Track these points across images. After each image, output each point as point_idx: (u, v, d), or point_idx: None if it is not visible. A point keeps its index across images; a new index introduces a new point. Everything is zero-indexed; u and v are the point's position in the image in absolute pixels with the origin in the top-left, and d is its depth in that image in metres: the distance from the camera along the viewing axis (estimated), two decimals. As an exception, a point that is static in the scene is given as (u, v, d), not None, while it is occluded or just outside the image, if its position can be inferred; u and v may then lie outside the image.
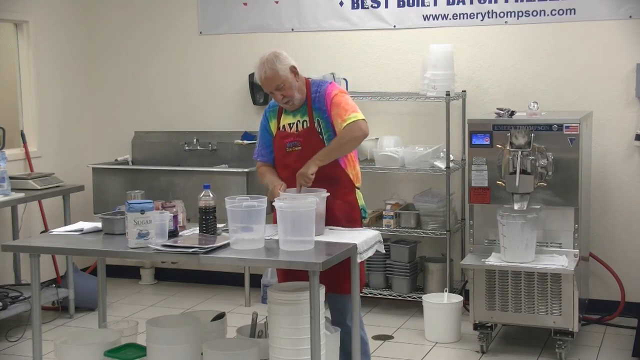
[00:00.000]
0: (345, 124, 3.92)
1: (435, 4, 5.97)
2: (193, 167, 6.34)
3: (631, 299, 5.64)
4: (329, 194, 3.85)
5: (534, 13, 5.75)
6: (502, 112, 5.18)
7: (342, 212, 4.02)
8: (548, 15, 5.72)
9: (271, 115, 4.17)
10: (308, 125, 4.03)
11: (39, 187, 5.72)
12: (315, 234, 3.68)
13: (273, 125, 4.16)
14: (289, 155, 4.07)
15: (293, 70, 4.01)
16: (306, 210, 3.58)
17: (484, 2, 5.85)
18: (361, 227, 4.09)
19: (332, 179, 3.98)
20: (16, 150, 6.27)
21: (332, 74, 6.05)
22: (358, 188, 4.14)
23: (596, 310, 5.64)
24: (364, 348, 4.07)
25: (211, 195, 3.84)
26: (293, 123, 4.08)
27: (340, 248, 3.61)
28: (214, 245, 3.63)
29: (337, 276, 3.86)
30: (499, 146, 4.98)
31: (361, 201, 4.14)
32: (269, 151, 4.17)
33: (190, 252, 3.58)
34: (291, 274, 3.98)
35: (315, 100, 4.04)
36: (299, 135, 4.05)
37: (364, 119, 3.96)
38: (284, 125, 4.10)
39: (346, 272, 3.75)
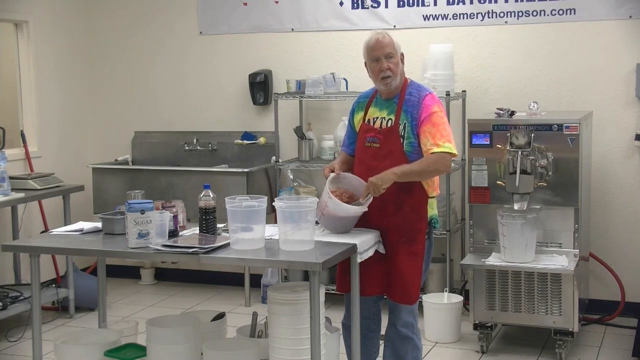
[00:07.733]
0: (437, 150, 3.78)
1: (435, 4, 5.97)
2: (193, 167, 6.34)
3: (631, 299, 5.64)
4: (366, 209, 3.80)
5: (534, 13, 5.75)
6: (502, 112, 5.17)
7: (405, 221, 3.88)
8: (548, 15, 5.72)
9: (359, 107, 4.07)
10: (392, 124, 3.90)
11: (39, 187, 5.72)
12: (342, 232, 3.80)
13: (358, 117, 4.05)
14: (366, 150, 3.95)
15: (402, 56, 3.95)
16: (306, 210, 3.58)
17: (484, 2, 5.85)
18: (424, 237, 3.94)
19: (405, 187, 3.85)
20: (16, 150, 6.26)
21: (332, 74, 6.04)
22: (432, 197, 3.97)
23: (596, 310, 5.63)
24: (416, 354, 3.98)
25: (211, 195, 3.84)
26: (377, 118, 3.96)
27: (339, 248, 3.61)
28: (214, 245, 3.64)
29: (394, 284, 3.90)
30: (499, 146, 4.98)
31: (432, 211, 3.97)
32: (350, 142, 4.09)
33: (190, 252, 3.59)
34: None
35: (408, 102, 3.89)
36: (380, 132, 3.92)
37: (453, 154, 3.83)
38: (369, 119, 4.00)
39: (404, 282, 3.85)
